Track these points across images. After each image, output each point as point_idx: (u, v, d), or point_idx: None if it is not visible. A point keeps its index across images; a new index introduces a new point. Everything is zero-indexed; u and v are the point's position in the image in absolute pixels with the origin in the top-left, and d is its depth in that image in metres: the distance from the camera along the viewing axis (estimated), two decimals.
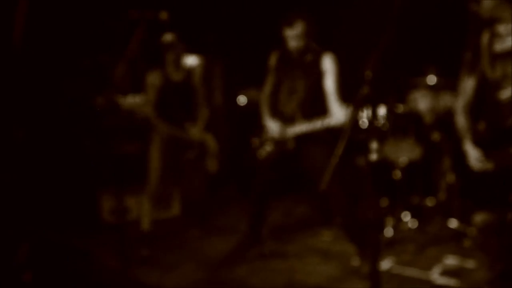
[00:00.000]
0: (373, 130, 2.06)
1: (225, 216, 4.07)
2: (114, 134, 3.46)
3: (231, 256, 3.07)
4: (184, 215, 4.03)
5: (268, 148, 2.94)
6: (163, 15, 2.50)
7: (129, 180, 3.52)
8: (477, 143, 2.07)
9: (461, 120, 2.16)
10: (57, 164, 3.77)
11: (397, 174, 3.34)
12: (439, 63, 3.34)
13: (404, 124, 3.31)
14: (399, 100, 3.42)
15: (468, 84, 2.13)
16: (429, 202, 3.45)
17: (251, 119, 3.45)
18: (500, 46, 1.96)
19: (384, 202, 3.45)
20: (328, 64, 2.83)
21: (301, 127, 2.81)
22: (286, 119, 2.90)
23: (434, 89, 3.33)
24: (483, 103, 2.11)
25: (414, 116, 3.36)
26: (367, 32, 2.56)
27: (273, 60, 3.05)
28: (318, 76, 2.83)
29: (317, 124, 2.73)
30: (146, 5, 2.87)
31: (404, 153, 3.28)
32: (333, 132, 2.63)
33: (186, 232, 3.63)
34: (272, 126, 2.94)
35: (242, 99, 5.10)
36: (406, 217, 3.37)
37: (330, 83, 2.80)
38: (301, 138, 2.83)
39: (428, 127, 3.35)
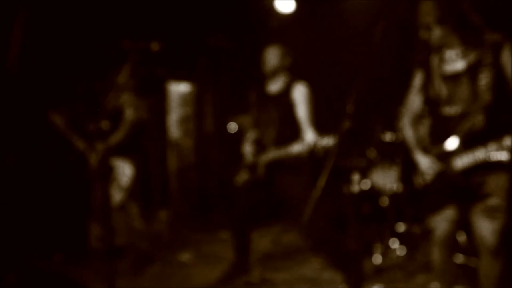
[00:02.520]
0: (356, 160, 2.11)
1: (214, 243, 4.06)
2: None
3: (219, 285, 3.05)
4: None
5: (243, 175, 2.98)
6: (155, 46, 2.56)
7: None
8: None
9: (409, 134, 2.30)
10: (45, 190, 3.76)
11: (385, 201, 3.37)
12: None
13: (392, 152, 3.37)
14: (387, 128, 3.49)
15: (416, 102, 2.27)
16: (417, 229, 3.47)
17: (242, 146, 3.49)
18: (449, 68, 2.11)
19: (372, 229, 3.48)
20: (298, 94, 2.85)
21: (269, 155, 2.84)
22: (263, 149, 2.95)
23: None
24: (430, 119, 2.22)
25: (402, 144, 3.42)
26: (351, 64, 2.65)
27: (251, 95, 3.13)
28: (289, 106, 2.85)
29: (282, 151, 2.74)
30: (139, 34, 2.95)
31: (392, 180, 3.32)
32: (305, 161, 2.67)
33: (174, 259, 3.62)
34: (247, 154, 3.00)
35: (232, 126, 5.16)
36: (395, 244, 3.38)
37: (301, 112, 2.82)
38: (272, 166, 2.85)
39: None
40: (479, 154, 2.01)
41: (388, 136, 3.42)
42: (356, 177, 1.75)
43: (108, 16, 3.97)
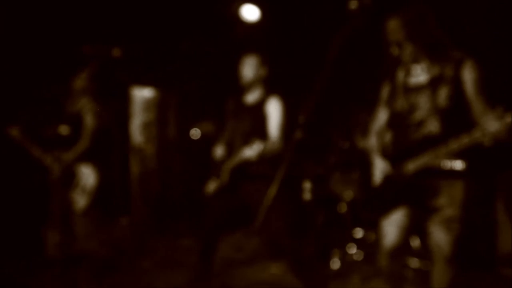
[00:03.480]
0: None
1: (176, 250, 4.04)
2: None
3: None
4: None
5: (213, 183, 2.99)
6: (116, 52, 2.55)
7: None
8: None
9: (372, 140, 2.43)
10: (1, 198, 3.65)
11: (343, 207, 3.47)
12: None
13: (351, 159, 3.47)
14: (346, 136, 3.59)
15: (382, 114, 2.39)
16: (373, 235, 3.58)
17: (204, 153, 3.51)
18: (414, 80, 2.24)
19: (331, 235, 3.56)
20: (272, 108, 2.86)
21: (231, 161, 2.86)
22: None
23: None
24: (394, 129, 2.34)
25: (360, 151, 3.53)
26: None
27: (229, 103, 3.12)
28: (262, 118, 2.86)
29: (237, 156, 2.78)
30: (102, 39, 2.92)
31: (350, 187, 3.42)
32: (268, 168, 2.70)
33: (136, 266, 3.58)
34: (217, 162, 3.02)
35: (195, 133, 5.16)
36: (352, 249, 3.48)
37: (272, 125, 2.84)
38: (236, 173, 2.87)
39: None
40: (431, 158, 2.12)
41: (347, 144, 3.52)
42: (307, 185, 1.80)
43: (69, 21, 3.92)
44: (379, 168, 2.31)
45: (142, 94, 5.72)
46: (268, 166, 2.73)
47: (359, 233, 3.58)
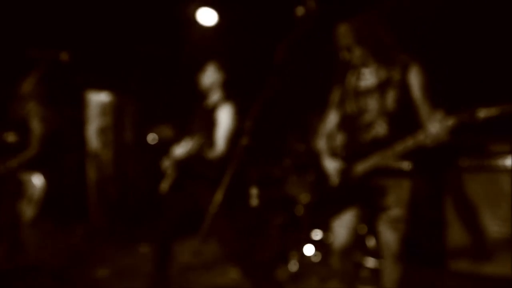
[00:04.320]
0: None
1: (133, 257, 3.97)
2: None
3: None
4: None
5: (166, 180, 2.97)
6: (64, 56, 2.48)
7: None
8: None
9: (322, 142, 2.48)
10: None
11: (300, 210, 3.50)
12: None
13: (307, 162, 3.50)
14: (302, 139, 3.63)
15: (333, 117, 2.45)
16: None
17: (162, 158, 3.46)
18: (364, 84, 2.30)
19: (289, 238, 3.59)
20: (223, 114, 2.87)
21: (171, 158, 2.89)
22: None
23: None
24: (345, 131, 2.40)
25: (316, 154, 3.57)
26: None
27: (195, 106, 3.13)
28: (214, 123, 2.87)
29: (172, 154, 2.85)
30: (55, 42, 2.83)
31: (306, 189, 3.46)
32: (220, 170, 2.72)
33: (90, 275, 3.49)
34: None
35: (152, 137, 5.09)
36: (310, 251, 3.51)
37: (220, 129, 2.84)
38: (181, 171, 2.90)
39: None
40: (378, 160, 2.17)
41: (303, 146, 3.56)
42: (254, 191, 1.80)
43: (18, 24, 3.79)
44: (329, 170, 2.35)
45: (98, 98, 5.59)
46: (212, 169, 2.74)
47: (317, 235, 3.62)
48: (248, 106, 3.01)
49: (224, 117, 2.85)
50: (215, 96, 2.98)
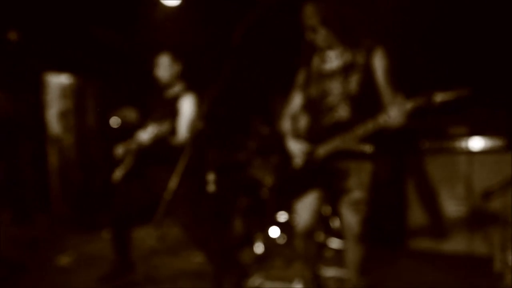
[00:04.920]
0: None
1: (97, 243, 3.90)
2: None
3: (99, 286, 2.95)
4: None
5: (120, 169, 2.97)
6: (12, 35, 2.36)
7: None
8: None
9: (286, 124, 2.47)
10: None
11: (265, 192, 3.51)
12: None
13: (271, 145, 3.50)
14: (265, 122, 3.62)
15: (297, 99, 2.44)
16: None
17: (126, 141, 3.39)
18: (328, 66, 2.30)
19: (254, 220, 3.60)
20: (185, 104, 2.88)
21: (130, 145, 2.92)
22: None
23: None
24: (309, 114, 2.40)
25: (280, 136, 3.57)
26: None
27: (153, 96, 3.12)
28: (176, 113, 2.88)
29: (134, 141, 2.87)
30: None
31: (270, 172, 3.46)
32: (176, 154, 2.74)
33: (53, 264, 3.41)
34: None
35: (115, 121, 4.95)
36: (275, 233, 3.54)
37: (183, 120, 2.85)
38: (139, 158, 2.92)
39: None
40: (339, 143, 2.19)
41: (266, 129, 3.55)
42: (211, 176, 1.78)
43: None
44: (293, 151, 2.35)
45: (58, 81, 5.39)
46: (175, 155, 2.74)
47: (282, 217, 3.65)
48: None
49: (187, 107, 2.86)
50: (175, 88, 2.98)
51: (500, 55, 3.25)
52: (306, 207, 2.35)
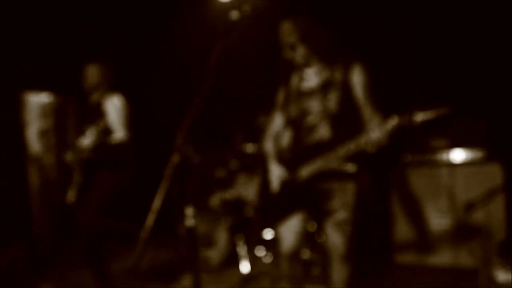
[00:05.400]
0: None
1: (81, 268, 3.81)
2: None
3: None
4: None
5: (72, 190, 3.08)
6: None
7: None
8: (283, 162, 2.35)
9: (268, 145, 2.45)
10: None
11: (249, 211, 3.47)
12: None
13: (253, 163, 3.47)
14: (248, 140, 3.58)
15: (278, 119, 2.42)
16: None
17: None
18: (307, 84, 2.28)
19: (240, 239, 3.55)
20: (110, 105, 3.01)
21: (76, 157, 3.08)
22: None
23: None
24: (291, 132, 2.37)
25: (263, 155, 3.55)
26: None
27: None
28: (103, 117, 3.01)
29: (79, 149, 3.01)
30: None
31: (254, 190, 3.43)
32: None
33: None
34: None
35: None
36: (261, 252, 3.50)
37: (111, 119, 2.97)
38: (86, 166, 3.05)
39: None
40: (322, 163, 2.17)
41: (249, 147, 3.52)
42: (189, 211, 1.73)
43: None
44: (275, 173, 2.32)
45: (38, 99, 5.31)
46: (119, 152, 2.91)
47: (268, 234, 3.61)
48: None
49: (112, 107, 2.98)
50: (97, 94, 3.14)
51: (475, 66, 3.29)
52: (289, 229, 2.32)
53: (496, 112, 3.15)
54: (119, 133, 2.94)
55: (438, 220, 3.11)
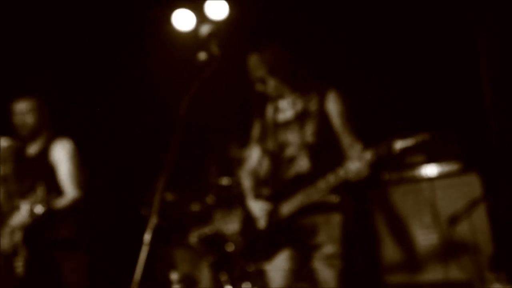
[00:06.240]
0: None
1: None
2: None
3: None
4: None
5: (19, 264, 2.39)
6: None
7: None
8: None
9: (246, 182, 2.36)
10: None
11: (230, 246, 3.34)
12: None
13: (229, 196, 3.36)
14: (224, 173, 3.47)
15: (255, 153, 2.34)
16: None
17: None
18: (281, 117, 2.22)
19: (224, 276, 3.41)
20: (59, 153, 2.49)
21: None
22: None
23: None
24: (269, 164, 2.30)
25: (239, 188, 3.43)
26: None
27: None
28: (49, 169, 2.47)
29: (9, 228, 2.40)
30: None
31: (233, 224, 3.30)
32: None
33: None
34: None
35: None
36: (247, 286, 3.36)
37: (63, 171, 2.45)
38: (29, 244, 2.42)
39: None
40: (303, 198, 2.09)
41: (225, 181, 3.41)
42: (174, 276, 1.62)
43: None
44: (260, 210, 2.22)
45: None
46: (70, 227, 2.36)
47: (251, 268, 3.48)
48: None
49: (63, 156, 2.44)
50: (39, 141, 2.55)
51: (438, 78, 3.31)
52: (277, 269, 2.22)
53: (467, 123, 3.17)
54: (71, 193, 2.39)
55: (424, 236, 3.08)
